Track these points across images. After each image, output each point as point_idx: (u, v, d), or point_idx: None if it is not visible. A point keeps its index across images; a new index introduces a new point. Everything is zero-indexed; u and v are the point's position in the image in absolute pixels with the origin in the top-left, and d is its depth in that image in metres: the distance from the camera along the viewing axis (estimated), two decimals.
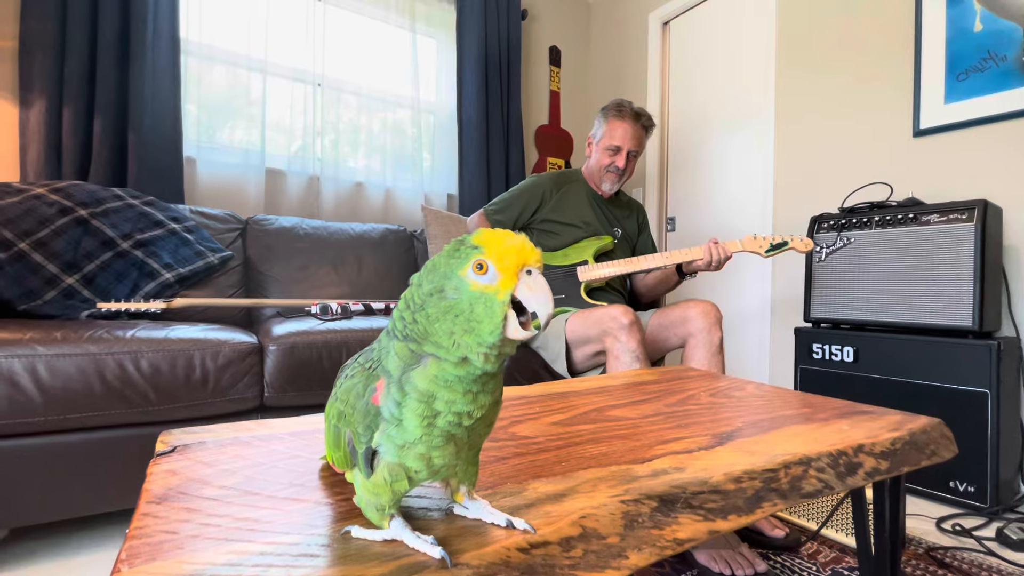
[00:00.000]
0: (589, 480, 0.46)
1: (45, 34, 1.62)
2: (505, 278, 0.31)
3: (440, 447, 0.34)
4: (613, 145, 1.53)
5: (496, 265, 0.31)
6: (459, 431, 0.34)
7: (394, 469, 0.34)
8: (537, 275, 0.32)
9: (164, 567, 0.31)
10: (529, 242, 0.33)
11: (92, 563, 0.99)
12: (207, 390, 1.07)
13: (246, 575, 0.30)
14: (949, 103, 1.60)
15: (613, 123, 1.54)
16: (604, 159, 1.55)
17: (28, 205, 1.35)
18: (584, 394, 0.80)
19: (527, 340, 0.43)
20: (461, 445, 0.35)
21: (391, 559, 0.32)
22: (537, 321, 0.32)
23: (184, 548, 0.34)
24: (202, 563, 0.32)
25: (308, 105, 2.11)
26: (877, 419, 0.69)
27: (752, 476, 0.50)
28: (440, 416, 0.33)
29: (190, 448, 0.53)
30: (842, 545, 1.08)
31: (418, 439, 0.33)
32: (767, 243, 1.39)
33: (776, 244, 1.39)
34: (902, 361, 1.38)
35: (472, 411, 0.33)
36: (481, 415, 0.34)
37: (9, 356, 0.91)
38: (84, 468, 0.99)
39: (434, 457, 0.34)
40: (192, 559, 0.32)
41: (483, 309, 0.31)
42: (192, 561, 0.32)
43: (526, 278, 0.32)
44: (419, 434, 0.33)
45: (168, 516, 0.38)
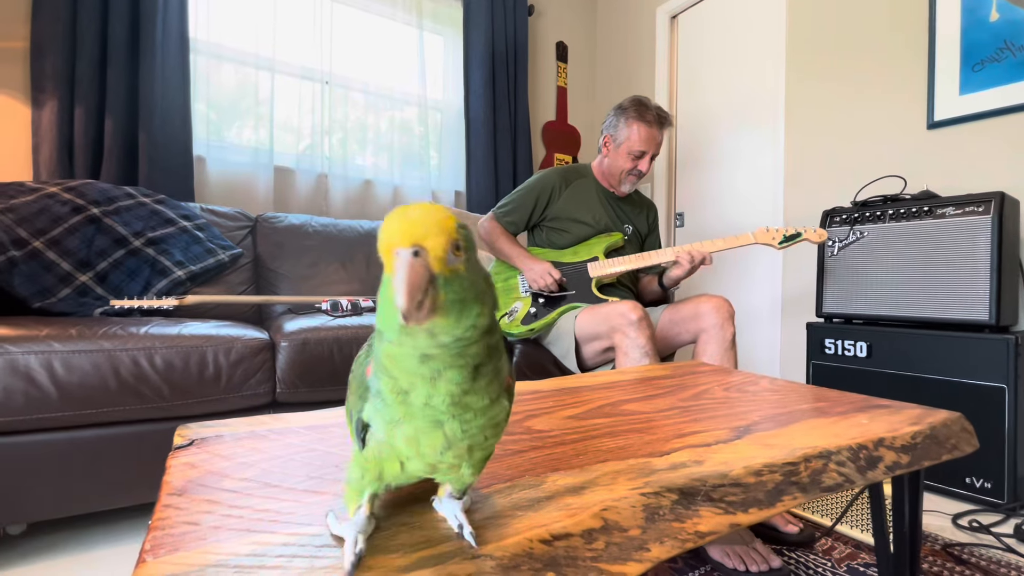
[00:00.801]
0: (608, 473, 0.46)
1: (56, 34, 1.63)
2: (385, 261, 0.29)
3: (427, 432, 0.32)
4: (637, 151, 1.49)
5: (379, 248, 0.29)
6: (443, 417, 0.32)
7: (384, 448, 0.34)
8: (402, 258, 0.28)
9: (188, 557, 0.31)
10: (408, 217, 0.29)
11: (108, 557, 1.00)
12: (220, 386, 1.08)
13: (270, 565, 0.30)
14: (964, 94, 1.58)
15: (637, 127, 1.49)
16: (627, 163, 1.52)
17: (42, 204, 1.36)
18: (597, 389, 0.79)
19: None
20: (455, 441, 0.33)
21: (414, 550, 0.32)
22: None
23: (207, 539, 0.34)
24: (226, 553, 0.32)
25: (316, 103, 2.12)
26: (896, 413, 0.68)
27: (772, 469, 0.49)
28: (412, 395, 0.32)
29: (207, 441, 0.53)
30: (857, 541, 1.07)
31: (401, 417, 0.32)
32: (780, 235, 1.37)
33: (789, 236, 1.37)
34: (917, 356, 1.37)
35: (433, 395, 0.31)
36: (452, 402, 0.32)
37: (26, 352, 0.92)
38: (99, 463, 1.00)
39: (423, 444, 0.33)
40: (216, 549, 0.32)
41: (383, 295, 0.31)
42: (216, 551, 0.32)
43: (394, 260, 0.28)
44: (399, 411, 0.32)
45: (189, 508, 0.38)
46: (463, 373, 0.31)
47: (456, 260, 0.29)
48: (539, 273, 1.44)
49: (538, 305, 1.48)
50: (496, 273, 1.59)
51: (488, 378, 0.33)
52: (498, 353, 0.34)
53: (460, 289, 0.29)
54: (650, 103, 1.52)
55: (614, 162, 1.55)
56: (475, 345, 0.31)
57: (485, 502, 0.40)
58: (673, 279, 1.45)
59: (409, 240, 0.28)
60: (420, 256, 0.28)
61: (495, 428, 0.35)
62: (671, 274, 1.44)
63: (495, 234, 1.57)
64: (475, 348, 0.31)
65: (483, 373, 0.33)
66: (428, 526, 0.36)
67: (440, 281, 0.29)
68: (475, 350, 0.31)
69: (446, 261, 0.29)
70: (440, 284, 0.29)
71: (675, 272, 1.42)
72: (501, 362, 0.35)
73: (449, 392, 0.32)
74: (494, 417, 0.34)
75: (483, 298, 0.31)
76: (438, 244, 0.28)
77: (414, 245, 0.28)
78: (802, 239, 1.37)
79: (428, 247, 0.28)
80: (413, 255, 0.28)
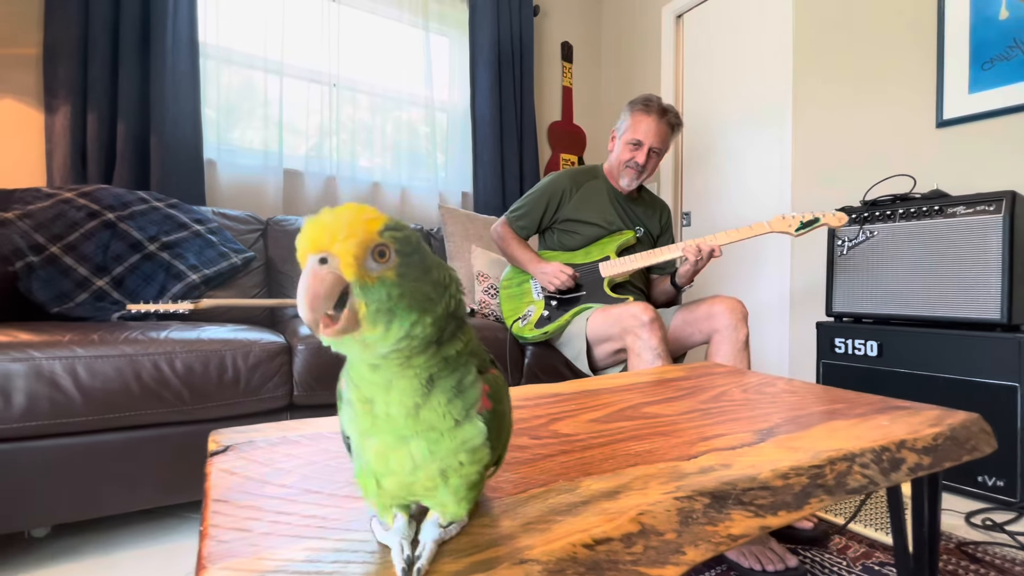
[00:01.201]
0: (639, 477, 0.46)
1: (68, 41, 1.64)
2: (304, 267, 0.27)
3: (395, 448, 0.31)
4: (635, 140, 1.47)
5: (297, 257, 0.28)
6: (406, 432, 0.31)
7: (363, 464, 0.33)
8: (306, 267, 0.26)
9: (247, 564, 0.32)
10: (320, 221, 0.27)
11: (130, 559, 1.01)
12: (239, 389, 1.09)
13: (327, 571, 0.31)
14: (974, 93, 1.58)
15: (637, 117, 1.48)
16: (625, 154, 1.50)
17: (58, 209, 1.37)
18: (616, 391, 0.80)
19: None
20: (422, 462, 0.31)
21: (465, 555, 0.33)
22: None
23: (260, 546, 0.35)
24: (281, 559, 0.33)
25: (324, 105, 2.13)
26: (915, 414, 0.69)
27: (799, 472, 0.50)
28: (376, 404, 0.30)
29: (242, 447, 0.54)
30: (871, 540, 1.07)
31: (369, 428, 0.31)
32: (796, 221, 1.33)
33: (807, 222, 1.32)
34: (928, 355, 1.37)
35: (390, 404, 0.30)
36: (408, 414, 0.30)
37: (50, 358, 0.93)
38: (122, 467, 1.01)
39: (391, 460, 0.31)
40: (271, 556, 0.33)
41: None
42: (272, 558, 0.33)
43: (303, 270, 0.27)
44: (367, 421, 0.31)
45: (236, 514, 0.39)
46: (413, 384, 0.30)
47: (380, 266, 0.27)
48: (552, 274, 1.45)
49: (551, 308, 1.49)
50: (510, 278, 1.60)
51: (447, 395, 0.31)
52: (463, 369, 0.32)
53: (386, 298, 0.27)
54: (658, 99, 1.51)
55: (615, 155, 1.54)
56: (421, 356, 0.30)
57: (522, 507, 0.41)
58: (684, 275, 1.43)
59: (315, 246, 0.26)
60: (328, 264, 0.26)
61: (471, 454, 0.32)
62: (682, 270, 1.43)
63: (507, 239, 1.58)
64: (421, 359, 0.30)
65: (440, 388, 0.31)
66: (473, 531, 0.36)
67: (357, 290, 0.27)
68: (421, 361, 0.30)
69: (362, 268, 0.27)
70: (357, 292, 0.27)
71: (685, 268, 1.40)
72: (468, 380, 0.32)
73: (402, 403, 0.30)
74: (467, 441, 0.32)
75: (424, 306, 0.29)
76: (348, 250, 0.26)
77: (320, 252, 0.26)
78: (820, 224, 1.32)
79: (338, 253, 0.26)
80: (319, 262, 0.26)
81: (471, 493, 0.35)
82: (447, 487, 0.33)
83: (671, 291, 1.53)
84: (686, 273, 1.42)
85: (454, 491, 0.34)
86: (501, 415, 0.35)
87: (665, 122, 1.48)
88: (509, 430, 0.39)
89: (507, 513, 0.39)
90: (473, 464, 0.33)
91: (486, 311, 1.77)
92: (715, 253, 1.34)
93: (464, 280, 1.90)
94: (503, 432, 0.36)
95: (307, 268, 0.26)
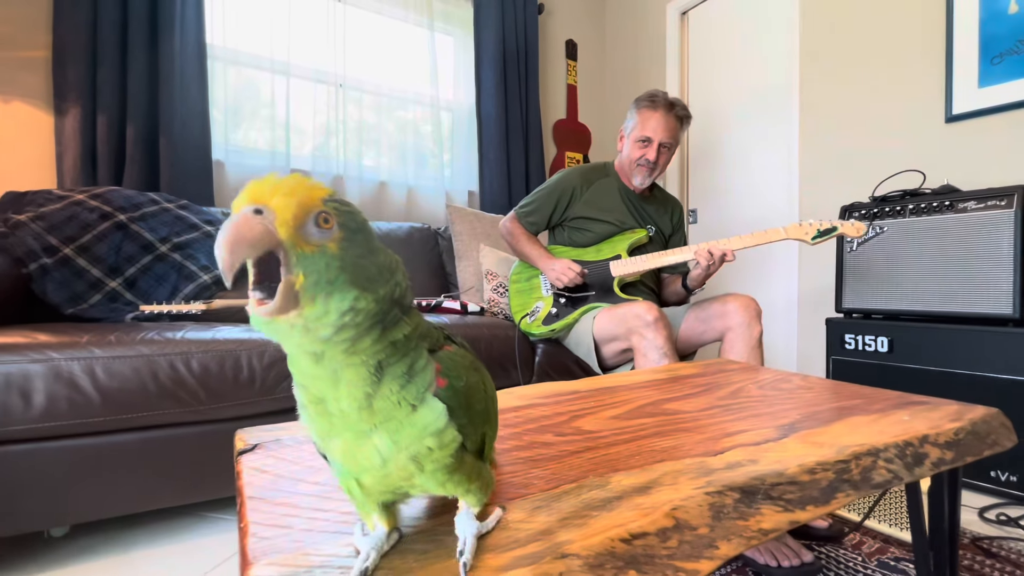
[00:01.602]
0: (668, 473, 0.47)
1: (77, 43, 1.65)
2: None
3: (358, 444, 0.30)
4: (644, 136, 1.46)
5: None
6: (364, 427, 0.29)
7: (338, 468, 0.32)
8: (237, 214, 0.24)
9: (292, 559, 0.33)
10: (263, 179, 0.26)
11: (147, 558, 1.02)
12: (254, 389, 1.09)
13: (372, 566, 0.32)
14: (983, 87, 1.57)
15: (644, 113, 1.47)
16: (635, 152, 1.48)
17: (70, 211, 1.38)
18: (634, 388, 0.81)
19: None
20: (390, 454, 0.30)
21: (506, 549, 0.34)
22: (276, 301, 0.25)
23: (302, 542, 0.35)
24: (326, 555, 0.33)
25: (330, 105, 2.13)
26: (934, 410, 0.69)
27: (825, 467, 0.50)
28: (328, 402, 0.29)
29: (269, 446, 0.55)
30: (885, 535, 1.07)
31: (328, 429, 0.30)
32: (813, 229, 1.30)
33: (824, 230, 1.29)
34: (939, 351, 1.37)
35: (340, 399, 0.29)
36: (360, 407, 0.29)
37: (69, 359, 0.94)
38: (139, 467, 1.02)
39: (360, 457, 0.30)
40: (315, 551, 0.34)
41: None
42: (316, 553, 0.33)
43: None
44: (323, 422, 0.30)
45: (274, 512, 0.40)
46: (361, 373, 0.28)
47: (322, 235, 0.26)
48: (560, 270, 1.45)
49: (559, 305, 1.49)
50: (519, 273, 1.60)
51: (399, 381, 0.30)
52: (413, 353, 0.31)
53: (324, 269, 0.26)
54: (664, 93, 1.50)
55: (625, 154, 1.53)
56: (365, 339, 0.28)
57: (556, 502, 0.41)
58: (696, 279, 1.41)
59: (249, 197, 0.25)
60: (262, 215, 0.24)
61: (437, 438, 0.31)
62: (693, 274, 1.41)
63: (516, 234, 1.58)
64: (366, 343, 0.28)
65: (390, 374, 0.29)
66: (511, 526, 0.37)
67: (294, 258, 0.25)
68: (367, 346, 0.28)
69: (300, 231, 0.25)
70: (295, 261, 0.25)
71: (696, 272, 1.39)
72: (419, 363, 0.31)
73: (352, 396, 0.28)
74: (428, 425, 0.30)
75: (365, 285, 0.27)
76: (286, 205, 0.25)
77: (254, 203, 0.24)
78: (837, 233, 1.29)
79: (274, 207, 0.24)
80: (253, 212, 0.24)
81: (455, 476, 0.33)
82: (424, 474, 0.32)
83: (682, 292, 1.52)
84: (698, 277, 1.40)
85: (432, 476, 0.32)
86: (462, 391, 0.32)
87: (673, 115, 1.47)
88: (487, 405, 0.36)
89: (542, 508, 0.40)
90: (443, 448, 0.31)
91: (495, 310, 1.77)
92: (727, 258, 1.32)
93: (473, 279, 1.91)
94: (472, 408, 0.33)
95: (235, 215, 0.24)
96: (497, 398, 0.41)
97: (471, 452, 0.35)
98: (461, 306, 1.68)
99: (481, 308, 1.71)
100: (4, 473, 0.91)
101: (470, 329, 1.44)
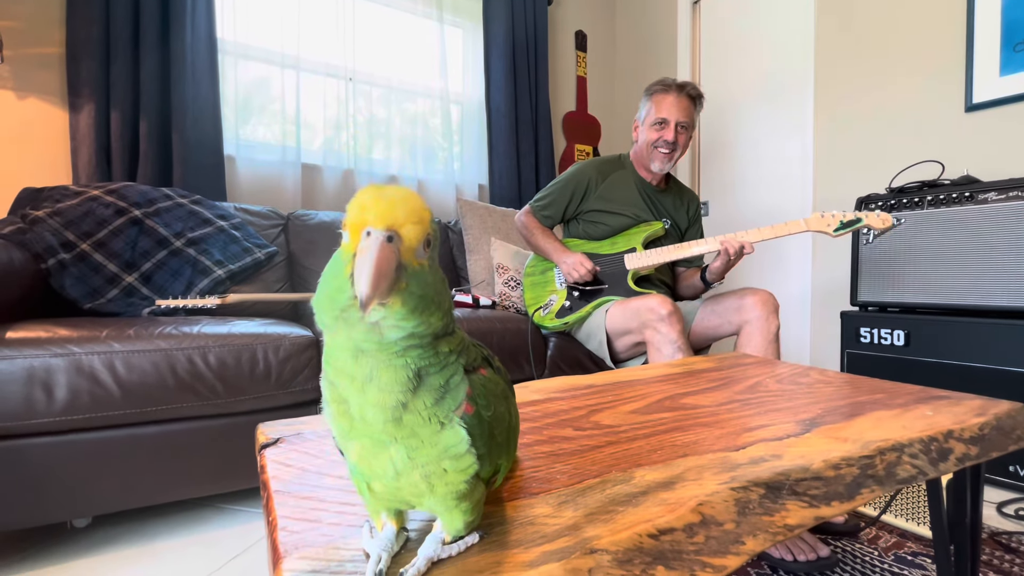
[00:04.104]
0: (692, 468, 0.47)
1: (90, 40, 1.66)
2: (351, 238, 0.26)
3: (374, 452, 0.30)
4: (659, 119, 1.44)
5: (347, 221, 0.26)
6: (384, 438, 0.29)
7: (352, 466, 0.32)
8: (373, 238, 0.25)
9: (322, 553, 0.33)
10: (387, 197, 0.26)
11: (168, 549, 1.04)
12: (271, 382, 1.10)
13: (403, 561, 0.32)
14: (1005, 75, 1.54)
15: (657, 97, 1.46)
16: (652, 135, 1.46)
17: (86, 207, 1.40)
18: (651, 382, 0.80)
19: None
20: (403, 469, 0.30)
21: (535, 544, 0.34)
22: (395, 302, 0.26)
23: (332, 536, 0.35)
24: (355, 549, 0.33)
25: (340, 99, 2.13)
26: (958, 404, 0.68)
27: (850, 463, 0.50)
28: (351, 404, 0.29)
29: (291, 440, 0.55)
30: (902, 530, 1.07)
31: (348, 430, 0.30)
32: (836, 221, 1.25)
33: (848, 222, 1.24)
34: (957, 344, 1.35)
35: (364, 407, 0.28)
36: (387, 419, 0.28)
37: (89, 353, 0.95)
38: (159, 459, 1.03)
39: (374, 464, 0.30)
40: (345, 545, 0.34)
41: (334, 267, 0.27)
42: (346, 547, 0.34)
43: (364, 240, 0.25)
44: (344, 422, 0.30)
45: (302, 505, 0.40)
46: (400, 376, 0.28)
47: (424, 255, 0.27)
48: (573, 264, 1.44)
49: (573, 299, 1.48)
50: (533, 266, 1.60)
51: (435, 394, 0.29)
52: (452, 367, 0.31)
53: (424, 284, 0.27)
54: (673, 79, 1.49)
55: (643, 141, 1.51)
56: (419, 349, 0.28)
57: (581, 497, 0.41)
58: (716, 272, 1.39)
59: (384, 222, 0.25)
60: (393, 242, 0.25)
61: (455, 461, 0.30)
62: (713, 266, 1.39)
63: (531, 227, 1.57)
64: (418, 352, 0.28)
65: (428, 385, 0.29)
66: (538, 521, 0.37)
67: (407, 272, 0.26)
68: (417, 354, 0.28)
69: (416, 254, 0.27)
70: (406, 275, 0.26)
71: (716, 264, 1.37)
72: (455, 379, 0.31)
73: (381, 404, 0.28)
74: (449, 448, 0.30)
75: (441, 301, 0.29)
76: (414, 234, 0.26)
77: (389, 229, 0.25)
78: (862, 225, 1.24)
79: (404, 235, 0.26)
80: (387, 240, 0.25)
81: (463, 504, 0.32)
82: (434, 495, 0.31)
83: (700, 286, 1.49)
84: (718, 270, 1.38)
85: (442, 499, 0.32)
86: (487, 421, 0.32)
87: (685, 95, 1.46)
88: (508, 436, 0.36)
89: (567, 503, 0.40)
90: (458, 472, 0.31)
91: (507, 303, 1.77)
92: (746, 250, 1.30)
93: (484, 272, 1.91)
94: (494, 439, 0.33)
95: (374, 242, 0.25)
96: (519, 428, 0.40)
97: (483, 481, 0.34)
98: (473, 300, 1.68)
99: (493, 302, 1.71)
100: (29, 465, 0.93)
101: (482, 323, 1.44)
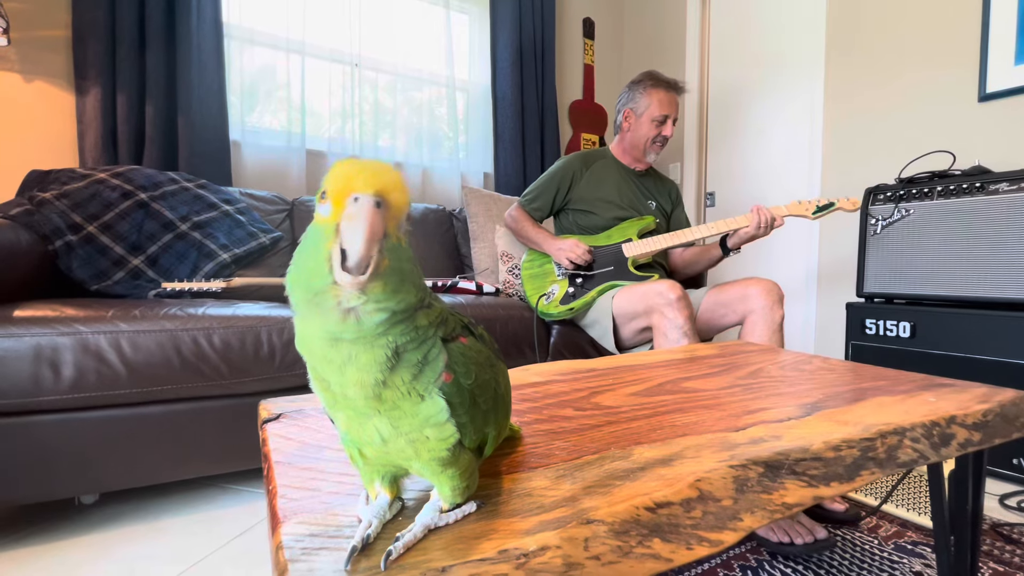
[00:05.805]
0: (691, 447, 0.47)
1: (96, 23, 1.66)
2: (335, 207, 0.25)
3: (359, 423, 0.30)
4: (661, 115, 1.53)
5: (328, 191, 0.25)
6: (365, 410, 0.29)
7: (343, 433, 0.33)
8: (363, 202, 0.24)
9: (322, 518, 0.33)
10: (372, 166, 0.25)
11: (172, 526, 1.05)
12: (274, 364, 1.11)
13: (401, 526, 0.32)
14: (1020, 64, 1.51)
15: (655, 92, 1.53)
16: (651, 131, 1.55)
17: (93, 190, 1.40)
18: (653, 367, 0.80)
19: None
20: (389, 437, 0.30)
21: (530, 514, 0.34)
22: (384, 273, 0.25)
23: (330, 503, 0.36)
24: (353, 515, 0.34)
25: (346, 85, 2.12)
26: (962, 391, 0.67)
27: (850, 445, 0.50)
28: (332, 384, 0.29)
29: (293, 415, 0.56)
30: (902, 520, 1.07)
31: (332, 403, 0.30)
32: (813, 205, 1.39)
33: (823, 206, 1.39)
34: (964, 336, 1.34)
35: (344, 386, 0.28)
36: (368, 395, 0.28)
37: (96, 332, 0.96)
38: (165, 438, 1.04)
39: (360, 433, 0.31)
40: (343, 512, 0.34)
41: (310, 244, 0.26)
42: (344, 513, 0.34)
43: (351, 206, 0.24)
44: (325, 396, 0.30)
45: (302, 476, 0.40)
46: (378, 356, 0.27)
47: (406, 226, 0.27)
48: (568, 248, 1.47)
49: (576, 285, 1.48)
50: (530, 260, 1.60)
51: (413, 369, 0.29)
52: (430, 341, 0.30)
53: (402, 259, 0.27)
54: (659, 73, 1.59)
55: (637, 133, 1.57)
56: (401, 325, 0.28)
57: (579, 471, 0.41)
58: (741, 238, 1.40)
59: (373, 187, 0.25)
60: (381, 208, 0.25)
61: (436, 429, 0.31)
62: (743, 231, 1.39)
63: (521, 222, 1.61)
64: (399, 328, 0.28)
65: (406, 361, 0.29)
66: (535, 493, 0.37)
67: (388, 246, 0.25)
68: (398, 330, 0.28)
69: (400, 226, 0.26)
70: (387, 249, 0.25)
71: (745, 231, 1.38)
72: (433, 352, 0.30)
73: (361, 383, 0.28)
74: (430, 418, 0.30)
75: (415, 277, 0.29)
76: (402, 202, 0.26)
77: (378, 195, 0.25)
78: (836, 208, 1.39)
79: (392, 202, 0.25)
80: (375, 205, 0.24)
81: (449, 470, 0.33)
82: (420, 460, 0.32)
83: (715, 255, 1.51)
84: (744, 236, 1.40)
85: (427, 464, 0.32)
86: (467, 389, 0.32)
87: (675, 90, 1.56)
88: (496, 404, 0.36)
89: (565, 477, 0.40)
90: (440, 440, 0.31)
91: (510, 291, 1.77)
92: (777, 223, 1.37)
93: (488, 260, 1.90)
94: (477, 407, 0.33)
95: (365, 205, 0.24)
96: (510, 396, 0.40)
97: (469, 449, 0.34)
98: (477, 287, 1.68)
99: (496, 289, 1.71)
100: (37, 442, 0.94)
101: (486, 310, 1.44)
